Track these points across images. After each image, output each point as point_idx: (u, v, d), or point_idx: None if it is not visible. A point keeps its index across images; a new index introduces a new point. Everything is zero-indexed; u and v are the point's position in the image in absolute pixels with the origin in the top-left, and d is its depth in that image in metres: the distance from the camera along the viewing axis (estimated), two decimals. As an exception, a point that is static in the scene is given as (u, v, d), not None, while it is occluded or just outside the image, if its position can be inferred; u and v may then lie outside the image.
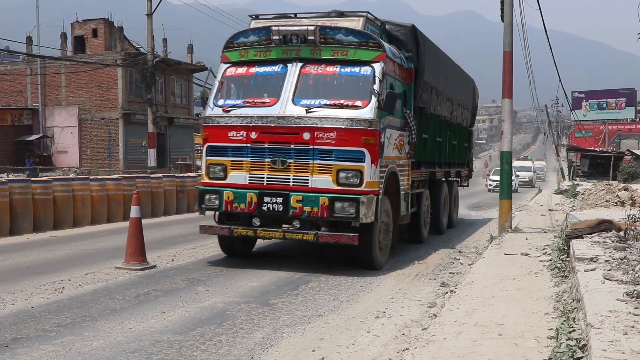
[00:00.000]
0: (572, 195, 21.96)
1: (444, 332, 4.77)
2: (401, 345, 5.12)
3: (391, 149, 9.05)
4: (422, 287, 7.77)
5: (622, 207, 13.27)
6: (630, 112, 55.20)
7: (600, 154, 38.46)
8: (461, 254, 10.38)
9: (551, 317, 5.11)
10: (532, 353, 4.15)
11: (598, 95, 56.53)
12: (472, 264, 8.65)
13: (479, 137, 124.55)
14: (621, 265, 5.82)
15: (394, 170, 9.17)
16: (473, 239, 12.73)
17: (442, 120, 12.74)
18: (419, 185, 11.10)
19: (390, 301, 6.94)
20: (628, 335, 3.65)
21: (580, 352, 3.75)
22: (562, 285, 6.29)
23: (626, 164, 31.87)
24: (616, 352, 3.36)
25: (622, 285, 5.04)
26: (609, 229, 7.86)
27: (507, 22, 12.17)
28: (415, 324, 5.89)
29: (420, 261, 9.72)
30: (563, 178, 39.11)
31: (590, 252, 6.53)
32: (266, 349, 5.16)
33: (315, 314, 6.35)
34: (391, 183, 9.13)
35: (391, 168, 9.03)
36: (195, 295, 7.06)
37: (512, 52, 12.13)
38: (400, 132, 9.54)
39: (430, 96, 11.24)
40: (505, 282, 6.68)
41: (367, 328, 5.81)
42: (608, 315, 4.07)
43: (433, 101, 11.48)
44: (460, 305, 5.62)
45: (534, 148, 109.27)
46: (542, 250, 8.81)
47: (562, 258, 7.54)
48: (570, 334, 4.20)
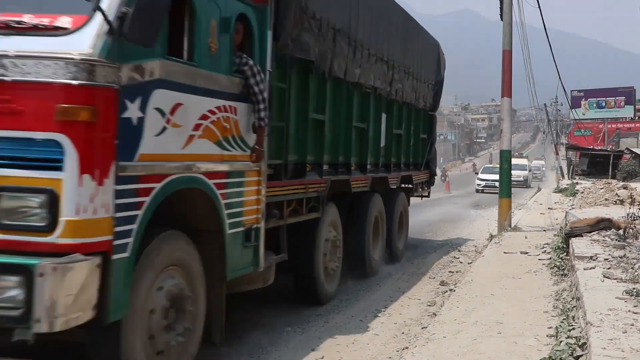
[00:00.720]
0: (571, 193, 21.96)
1: (444, 330, 4.77)
2: (401, 344, 5.13)
3: (186, 136, 4.08)
4: (421, 286, 7.77)
5: (622, 205, 13.26)
6: (629, 110, 55.14)
7: (599, 153, 38.44)
8: (460, 253, 10.38)
9: (551, 315, 5.11)
10: (532, 351, 4.15)
11: (597, 94, 56.45)
12: (472, 263, 8.65)
13: (477, 136, 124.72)
14: (620, 264, 5.82)
15: (201, 186, 4.27)
16: (472, 237, 12.73)
17: (366, 93, 7.81)
18: (303, 207, 6.19)
19: (389, 300, 6.95)
20: (627, 334, 3.65)
21: (580, 350, 3.75)
22: (562, 284, 6.30)
23: (625, 163, 31.86)
24: (616, 350, 3.36)
25: (621, 283, 5.04)
26: (609, 228, 7.86)
27: (507, 21, 12.18)
28: (415, 322, 5.89)
29: (420, 260, 9.72)
30: (562, 177, 39.08)
31: (590, 250, 6.53)
32: (266, 348, 5.16)
33: (314, 313, 6.35)
34: (198, 211, 4.45)
35: (187, 180, 4.11)
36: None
37: (512, 51, 12.14)
38: (230, 105, 4.63)
39: (327, 42, 6.44)
40: (504, 280, 6.68)
41: (366, 327, 5.81)
42: (607, 314, 4.07)
43: (338, 54, 6.74)
44: (459, 304, 5.62)
45: (533, 147, 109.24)
46: (542, 248, 8.82)
47: (562, 256, 7.55)
48: (569, 332, 4.20)
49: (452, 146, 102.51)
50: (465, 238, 12.65)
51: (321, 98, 6.57)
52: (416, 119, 10.36)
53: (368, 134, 7.86)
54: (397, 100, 9.04)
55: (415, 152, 10.47)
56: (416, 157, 10.55)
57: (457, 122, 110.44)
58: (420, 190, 11.09)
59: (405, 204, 10.37)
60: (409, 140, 9.98)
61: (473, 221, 16.49)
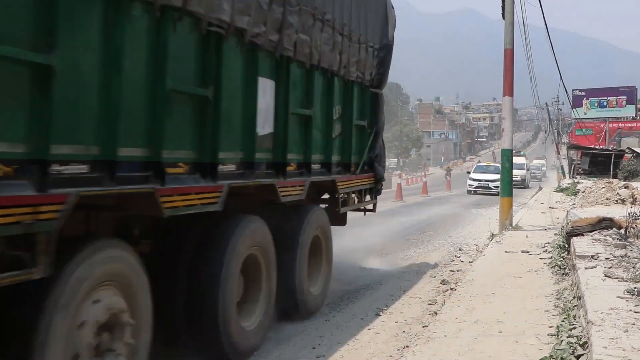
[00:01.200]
0: (572, 193, 21.94)
1: (445, 329, 4.77)
2: (402, 343, 5.13)
3: None
4: (422, 284, 7.77)
5: (623, 204, 13.26)
6: (630, 110, 55.12)
7: (600, 152, 38.40)
8: (462, 252, 10.38)
9: (552, 314, 5.11)
10: (533, 350, 4.15)
11: (599, 93, 56.43)
12: (473, 262, 8.65)
13: (479, 135, 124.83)
14: (622, 263, 5.82)
15: None
16: (473, 236, 12.73)
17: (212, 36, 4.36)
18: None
19: (390, 299, 6.95)
20: (629, 333, 3.65)
21: (581, 350, 3.75)
22: (563, 283, 6.29)
23: (627, 162, 31.82)
24: (617, 349, 3.36)
25: (622, 282, 5.04)
26: (610, 227, 7.85)
27: (509, 20, 12.16)
28: (416, 321, 5.89)
29: (421, 259, 9.73)
30: (563, 176, 39.05)
31: (591, 249, 6.52)
32: (267, 346, 5.16)
33: (315, 311, 6.35)
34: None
35: None
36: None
37: (513, 50, 12.13)
38: None
39: None
40: (505, 279, 6.68)
41: (367, 325, 5.81)
42: (609, 313, 4.07)
43: None
44: (460, 303, 5.62)
45: (534, 146, 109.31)
46: (543, 247, 8.81)
47: (563, 256, 7.55)
48: (570, 332, 4.20)
49: (453, 145, 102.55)
50: (466, 237, 12.65)
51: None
52: (344, 95, 6.89)
53: (219, 109, 4.44)
54: (299, 62, 5.69)
55: (343, 146, 6.92)
56: (344, 153, 6.96)
57: (459, 121, 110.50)
58: (355, 202, 7.57)
59: (322, 225, 6.51)
60: (328, 126, 6.45)
61: (474, 220, 16.49)
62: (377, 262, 9.25)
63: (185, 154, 4.14)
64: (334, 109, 6.60)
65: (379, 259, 9.53)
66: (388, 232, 12.66)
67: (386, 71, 8.10)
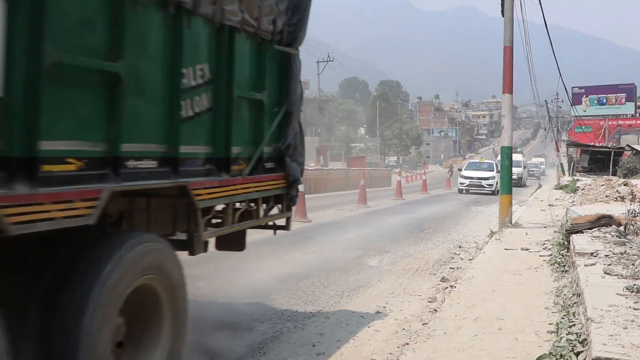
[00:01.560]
0: (572, 190, 21.97)
1: (445, 326, 4.78)
2: (401, 340, 5.13)
3: None
4: (422, 282, 7.77)
5: (622, 202, 13.28)
6: (630, 107, 55.15)
7: (600, 150, 38.43)
8: (461, 249, 10.39)
9: (551, 311, 5.12)
10: (532, 347, 4.16)
11: (598, 91, 56.44)
12: (473, 259, 8.65)
13: (478, 133, 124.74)
14: (621, 260, 5.83)
15: None
16: (473, 234, 12.74)
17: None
18: None
19: (390, 296, 6.95)
20: (628, 330, 3.66)
21: (581, 347, 3.75)
22: (562, 280, 6.30)
23: (626, 160, 31.86)
24: (616, 346, 3.37)
25: (622, 279, 5.05)
26: (609, 224, 7.87)
27: (508, 17, 12.17)
28: (416, 318, 5.90)
29: (420, 256, 9.73)
30: (563, 173, 39.06)
31: (591, 246, 6.54)
32: (267, 343, 5.17)
33: (315, 309, 6.36)
34: None
35: None
36: (195, 291, 7.05)
37: (513, 47, 12.13)
38: None
39: None
40: (505, 277, 6.69)
41: (367, 323, 5.82)
42: (608, 310, 4.08)
43: None
44: (460, 300, 5.63)
45: (534, 143, 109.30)
46: (542, 245, 8.82)
47: (562, 253, 7.56)
48: (570, 329, 4.21)
49: (453, 143, 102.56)
50: (466, 235, 12.65)
51: None
52: (217, 50, 4.21)
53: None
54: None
55: (215, 131, 4.25)
56: (218, 141, 4.27)
57: (458, 118, 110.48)
58: (247, 218, 4.84)
59: (157, 265, 3.43)
60: (174, 97, 3.71)
61: (474, 218, 16.50)
62: (376, 259, 9.26)
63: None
64: (190, 69, 3.88)
65: (378, 256, 9.54)
66: (387, 229, 12.68)
67: (303, 20, 5.38)
